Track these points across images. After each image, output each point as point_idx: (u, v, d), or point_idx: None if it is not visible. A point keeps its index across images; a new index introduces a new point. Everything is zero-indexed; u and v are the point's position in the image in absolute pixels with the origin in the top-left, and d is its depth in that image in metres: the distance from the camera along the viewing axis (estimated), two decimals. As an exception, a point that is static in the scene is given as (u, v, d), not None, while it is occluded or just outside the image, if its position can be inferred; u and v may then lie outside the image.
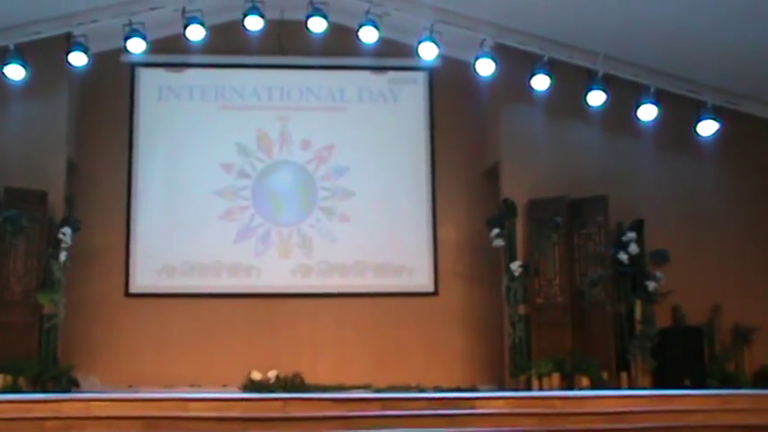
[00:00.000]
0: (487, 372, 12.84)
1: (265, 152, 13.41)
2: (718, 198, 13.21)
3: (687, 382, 11.66)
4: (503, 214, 12.68)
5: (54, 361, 11.72)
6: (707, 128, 12.72)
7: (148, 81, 13.44)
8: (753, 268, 12.95)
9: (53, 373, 11.53)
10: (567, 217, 12.52)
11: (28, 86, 12.30)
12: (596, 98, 12.59)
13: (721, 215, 13.12)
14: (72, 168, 12.78)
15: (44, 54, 12.30)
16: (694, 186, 13.21)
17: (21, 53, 11.98)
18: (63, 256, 11.97)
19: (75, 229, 12.18)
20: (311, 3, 12.32)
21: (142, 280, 12.95)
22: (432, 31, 12.33)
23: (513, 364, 12.29)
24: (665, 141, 13.06)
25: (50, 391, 11.18)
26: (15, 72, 12.05)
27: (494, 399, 10.24)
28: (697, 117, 12.72)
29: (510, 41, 12.75)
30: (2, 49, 12.02)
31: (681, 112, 12.85)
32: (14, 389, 11.08)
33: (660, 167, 13.15)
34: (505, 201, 12.71)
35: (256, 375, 11.92)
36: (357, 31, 12.41)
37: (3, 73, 12.04)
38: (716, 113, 12.68)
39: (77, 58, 12.18)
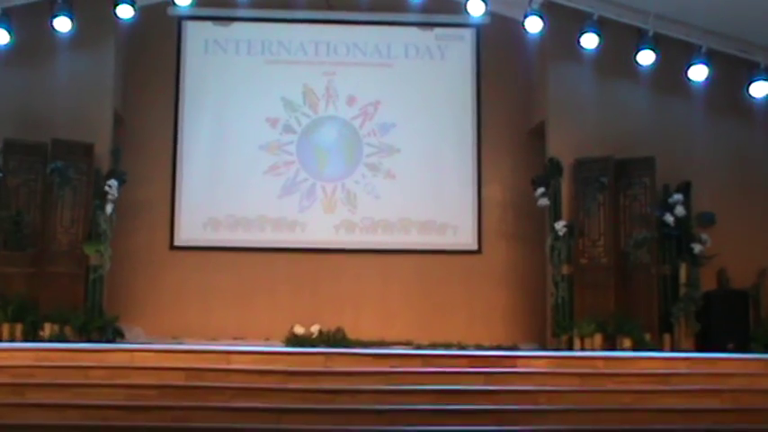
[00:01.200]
0: (529, 331, 12.84)
1: (311, 107, 13.41)
2: (766, 162, 13.00)
3: (731, 346, 11.58)
4: (548, 173, 12.60)
5: (99, 311, 11.87)
6: (759, 89, 12.50)
7: (195, 34, 13.47)
8: (800, 232, 12.79)
9: (98, 324, 11.69)
10: (613, 177, 12.41)
11: (75, 39, 12.38)
12: (646, 58, 12.42)
13: (769, 179, 12.95)
14: (118, 121, 12.87)
15: (91, 6, 12.38)
16: (743, 149, 13.02)
17: (69, 5, 12.02)
18: (109, 208, 12.08)
19: (122, 182, 12.28)
20: (359, -42, 12.29)
21: (187, 233, 13.06)
22: (480, -13, 12.22)
23: (555, 323, 12.27)
24: (714, 103, 12.87)
25: (96, 340, 11.37)
26: (63, 24, 12.10)
27: (535, 358, 10.25)
28: (749, 78, 12.50)
29: (559, -1, 12.60)
30: (50, 1, 12.05)
31: (732, 73, 12.65)
32: (61, 338, 11.28)
33: (709, 129, 12.97)
34: (551, 160, 12.62)
35: (299, 330, 12.02)
36: (405, -15, 12.34)
37: (51, 25, 12.07)
38: (768, 74, 12.46)
39: (124, 11, 12.19)
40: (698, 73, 12.46)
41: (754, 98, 12.60)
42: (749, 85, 12.51)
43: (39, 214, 11.94)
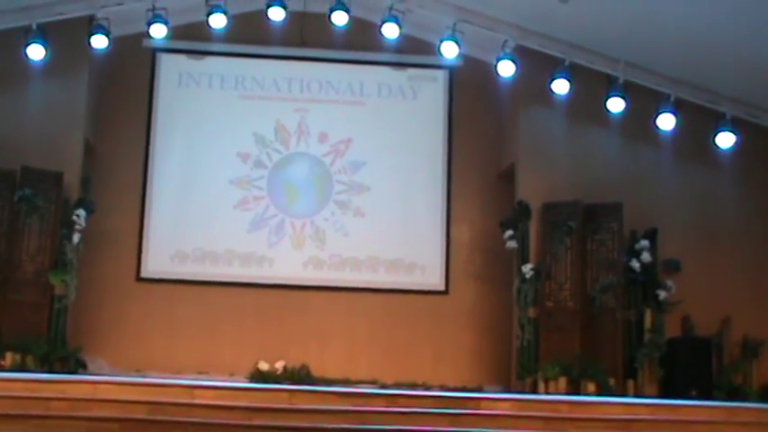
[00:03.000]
0: (494, 372, 12.84)
1: (282, 143, 13.43)
2: (732, 210, 13.15)
3: (694, 393, 11.62)
4: (517, 216, 12.69)
5: (63, 341, 11.76)
6: (725, 139, 12.66)
7: (169, 67, 13.48)
8: (764, 281, 12.90)
9: (61, 354, 11.59)
10: (581, 222, 12.51)
11: (48, 67, 12.32)
12: (616, 105, 12.56)
13: (735, 228, 13.07)
14: (89, 150, 12.83)
15: (66, 35, 12.35)
16: (709, 197, 13.16)
17: (43, 33, 12.01)
18: (76, 237, 12.01)
19: (90, 212, 12.23)
20: (334, -4, 12.35)
21: (154, 265, 12.99)
22: (454, 30, 12.34)
23: (520, 366, 12.29)
24: (682, 151, 13.02)
25: (58, 371, 11.24)
26: (36, 52, 12.07)
27: (499, 400, 10.25)
28: (715, 128, 12.67)
29: (531, 44, 12.73)
30: (24, 29, 12.04)
31: (700, 122, 12.80)
32: (22, 367, 11.14)
33: (676, 177, 13.11)
34: (520, 203, 12.71)
35: (264, 366, 11.98)
36: (379, 26, 12.42)
37: (24, 52, 12.04)
38: (734, 125, 12.62)
39: (99, 41, 12.21)
40: (666, 121, 12.60)
41: (720, 148, 12.76)
42: (716, 134, 12.66)
43: (4, 242, 11.82)
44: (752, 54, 11.68)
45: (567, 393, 11.56)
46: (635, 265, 12.27)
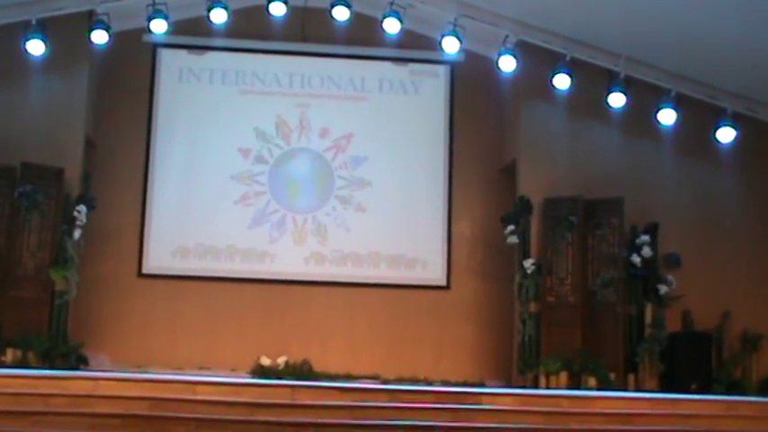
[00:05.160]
0: (496, 367, 12.86)
1: (284, 138, 13.42)
2: (733, 205, 13.18)
3: (694, 387, 11.66)
4: (518, 211, 12.69)
5: (64, 338, 11.75)
6: (726, 134, 12.69)
7: (169, 62, 13.46)
8: (764, 276, 12.93)
9: (62, 350, 11.58)
10: (582, 217, 12.53)
11: (48, 62, 12.30)
12: (617, 100, 12.57)
13: (736, 222, 13.09)
14: (90, 146, 12.82)
15: (66, 30, 12.33)
16: (710, 192, 13.18)
17: (42, 28, 11.98)
18: (77, 233, 12.01)
19: (91, 207, 12.21)
20: (336, -9, 12.34)
21: (155, 261, 13.00)
22: (455, 26, 12.33)
23: (521, 361, 12.31)
24: (683, 146, 13.04)
25: (59, 367, 11.23)
26: (36, 47, 12.04)
27: (500, 395, 10.29)
28: (716, 123, 12.69)
29: (533, 39, 12.73)
30: (24, 24, 12.02)
31: (700, 117, 12.82)
32: (24, 364, 11.14)
33: (677, 172, 13.12)
34: (521, 198, 12.71)
35: (266, 361, 12.00)
36: (380, 21, 12.42)
37: (24, 48, 12.02)
38: (735, 120, 12.66)
39: (99, 36, 12.20)
40: (667, 117, 12.62)
41: (720, 143, 12.78)
42: (716, 130, 12.68)
43: (5, 238, 11.82)
44: (752, 49, 11.68)
45: (568, 388, 11.61)
46: (636, 259, 12.28)
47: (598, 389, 11.52)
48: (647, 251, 12.31)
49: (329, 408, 9.46)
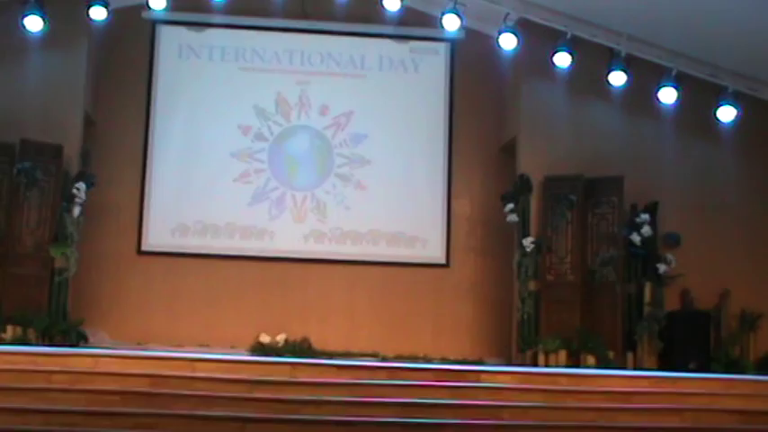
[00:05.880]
0: (495, 345, 12.88)
1: (283, 116, 13.40)
2: (733, 184, 13.16)
3: (692, 366, 11.70)
4: (518, 190, 12.68)
5: (64, 315, 11.78)
6: (726, 113, 12.63)
7: (169, 39, 13.41)
8: (763, 255, 12.93)
9: (62, 327, 11.61)
10: (582, 196, 12.52)
11: (47, 39, 12.25)
12: (617, 78, 12.52)
13: (735, 201, 13.08)
14: (89, 123, 12.80)
15: (64, 7, 12.29)
16: (710, 171, 13.16)
17: (40, 4, 11.89)
18: (77, 210, 12.01)
19: (90, 185, 12.20)
20: (336, -32, 12.31)
21: (155, 238, 12.99)
22: (455, 3, 12.27)
23: (520, 339, 12.34)
24: (683, 125, 13.00)
25: (59, 344, 11.25)
26: (34, 23, 11.97)
27: (499, 373, 10.33)
28: (717, 102, 12.64)
29: (534, 17, 12.67)
30: (21, 0, 11.93)
31: (701, 96, 12.77)
32: (23, 341, 11.14)
33: (677, 151, 13.10)
34: (521, 176, 12.70)
35: (265, 338, 12.01)
36: (381, -2, 12.38)
37: (22, 24, 11.95)
38: (736, 99, 12.59)
39: (98, 13, 12.12)
40: (668, 95, 12.58)
41: (721, 121, 12.74)
42: (717, 108, 12.64)
43: (4, 215, 11.84)
44: (753, 28, 11.64)
45: (567, 366, 11.63)
46: (635, 238, 12.29)
47: (597, 367, 11.54)
48: (646, 230, 12.32)
49: (328, 385, 9.50)
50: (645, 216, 12.39)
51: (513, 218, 12.64)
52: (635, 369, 11.77)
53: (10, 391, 8.85)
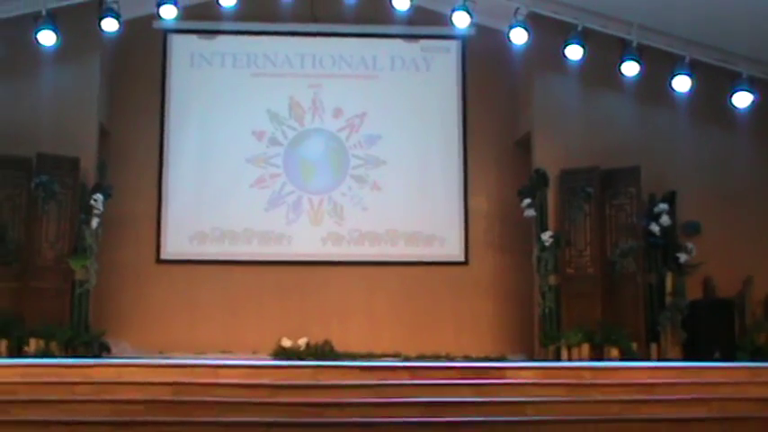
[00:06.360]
0: (517, 342, 12.85)
1: (297, 120, 13.42)
2: (751, 170, 13.11)
3: (717, 355, 11.61)
4: (534, 184, 12.64)
5: (85, 326, 11.82)
6: (742, 99, 12.57)
7: (180, 48, 13.47)
8: (785, 240, 12.86)
9: (84, 339, 11.64)
10: (599, 188, 12.47)
11: (60, 53, 12.30)
12: (630, 68, 12.48)
13: (754, 187, 13.03)
14: (104, 135, 12.86)
15: (76, 20, 12.32)
16: (727, 158, 13.09)
17: (53, 19, 11.97)
18: (95, 222, 12.05)
19: (107, 196, 12.26)
20: (344, -30, 12.31)
21: (173, 247, 13.04)
22: (465, 0, 12.22)
23: (542, 334, 12.29)
24: (699, 113, 12.95)
25: (82, 356, 11.30)
26: (47, 38, 12.04)
27: (523, 369, 10.26)
28: (732, 88, 12.57)
29: (543, 10, 12.64)
30: (34, 15, 12.02)
31: (715, 83, 12.72)
32: (46, 354, 11.18)
33: (693, 139, 13.05)
34: (537, 171, 12.67)
35: (287, 343, 12.01)
36: (390, -2, 12.37)
37: (35, 39, 12.02)
38: (751, 85, 12.53)
39: (109, 24, 12.16)
40: (681, 83, 12.52)
41: (736, 108, 12.66)
42: (732, 94, 12.57)
43: (23, 229, 11.89)
44: (766, 11, 11.54)
45: (591, 359, 11.59)
46: (654, 228, 12.23)
47: (620, 359, 11.52)
48: (665, 219, 12.26)
49: (351, 387, 9.46)
50: (663, 206, 12.33)
51: (530, 212, 12.61)
52: (659, 360, 11.70)
53: (34, 403, 8.88)
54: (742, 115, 12.77)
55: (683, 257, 12.22)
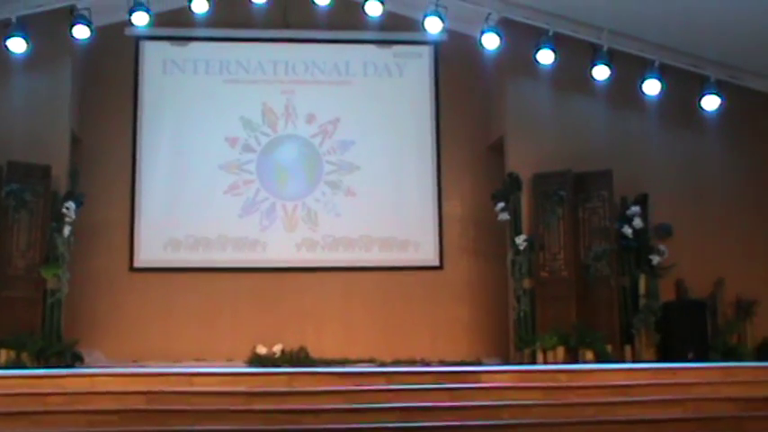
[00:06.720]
0: (492, 345, 12.86)
1: (270, 126, 13.38)
2: (721, 172, 13.21)
3: (690, 356, 11.70)
4: (508, 188, 12.69)
5: (58, 336, 11.70)
6: (710, 102, 12.74)
7: (153, 54, 13.39)
8: (755, 242, 12.99)
9: (57, 348, 11.52)
10: (572, 191, 12.53)
11: (30, 60, 12.22)
12: (601, 73, 12.56)
13: (724, 189, 13.12)
14: (76, 142, 12.77)
15: (47, 27, 12.23)
16: (698, 161, 13.19)
17: (23, 26, 11.88)
18: (67, 230, 11.95)
19: (79, 204, 12.16)
20: (316, -24, 12.30)
21: (147, 254, 12.96)
22: (437, 5, 12.27)
23: (517, 337, 12.32)
24: (669, 116, 13.05)
25: (54, 366, 11.18)
26: (17, 45, 11.94)
27: (499, 372, 10.28)
28: (701, 92, 12.72)
29: (515, 15, 12.68)
30: (4, 22, 11.93)
31: (685, 86, 12.84)
32: (18, 364, 11.06)
33: (664, 142, 13.14)
34: (510, 175, 12.71)
35: (261, 350, 11.98)
36: (362, 4, 12.38)
37: (5, 46, 11.93)
38: (719, 88, 12.69)
39: (81, 31, 12.09)
40: (651, 87, 12.64)
41: (705, 111, 12.81)
42: (701, 98, 12.72)
43: (-6, 238, 11.78)
44: (734, 17, 11.69)
45: (566, 362, 11.61)
46: (627, 231, 12.30)
47: (596, 362, 11.54)
48: (637, 222, 12.34)
49: (327, 393, 9.44)
50: (635, 208, 12.41)
51: (504, 216, 12.65)
52: (634, 362, 11.75)
53: (6, 415, 8.75)
54: (711, 118, 12.92)
55: (655, 260, 12.31)
